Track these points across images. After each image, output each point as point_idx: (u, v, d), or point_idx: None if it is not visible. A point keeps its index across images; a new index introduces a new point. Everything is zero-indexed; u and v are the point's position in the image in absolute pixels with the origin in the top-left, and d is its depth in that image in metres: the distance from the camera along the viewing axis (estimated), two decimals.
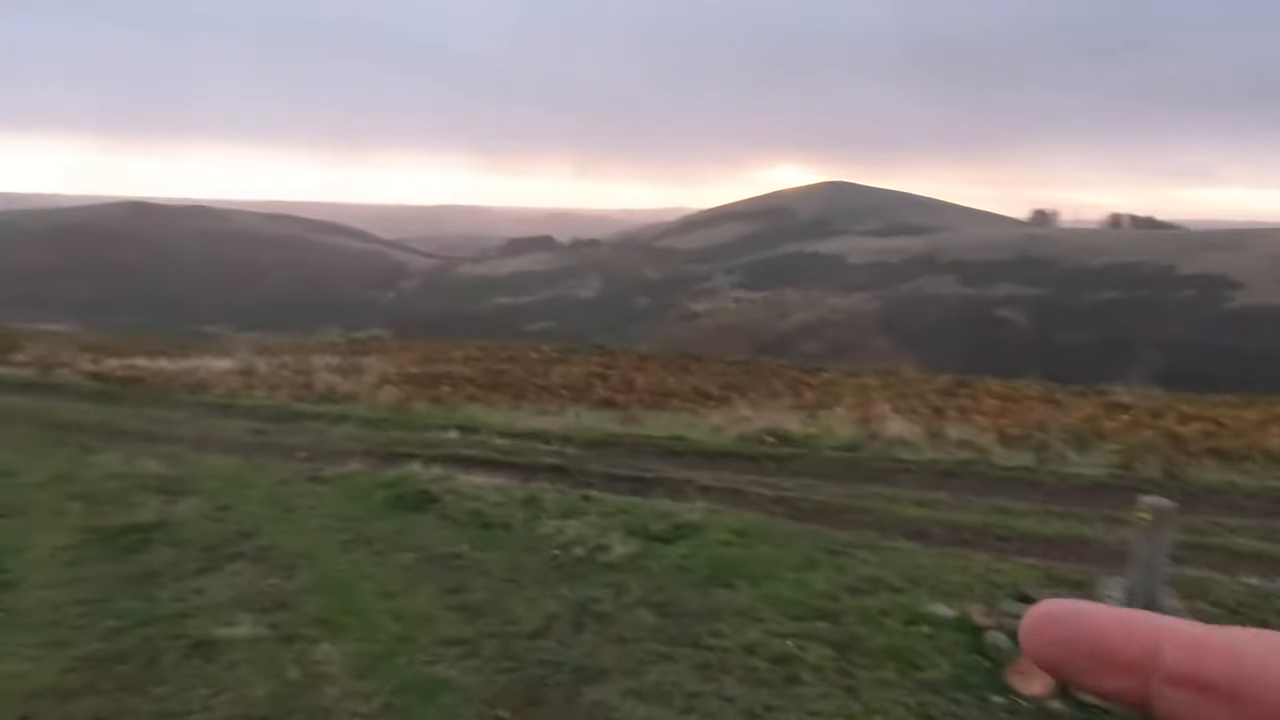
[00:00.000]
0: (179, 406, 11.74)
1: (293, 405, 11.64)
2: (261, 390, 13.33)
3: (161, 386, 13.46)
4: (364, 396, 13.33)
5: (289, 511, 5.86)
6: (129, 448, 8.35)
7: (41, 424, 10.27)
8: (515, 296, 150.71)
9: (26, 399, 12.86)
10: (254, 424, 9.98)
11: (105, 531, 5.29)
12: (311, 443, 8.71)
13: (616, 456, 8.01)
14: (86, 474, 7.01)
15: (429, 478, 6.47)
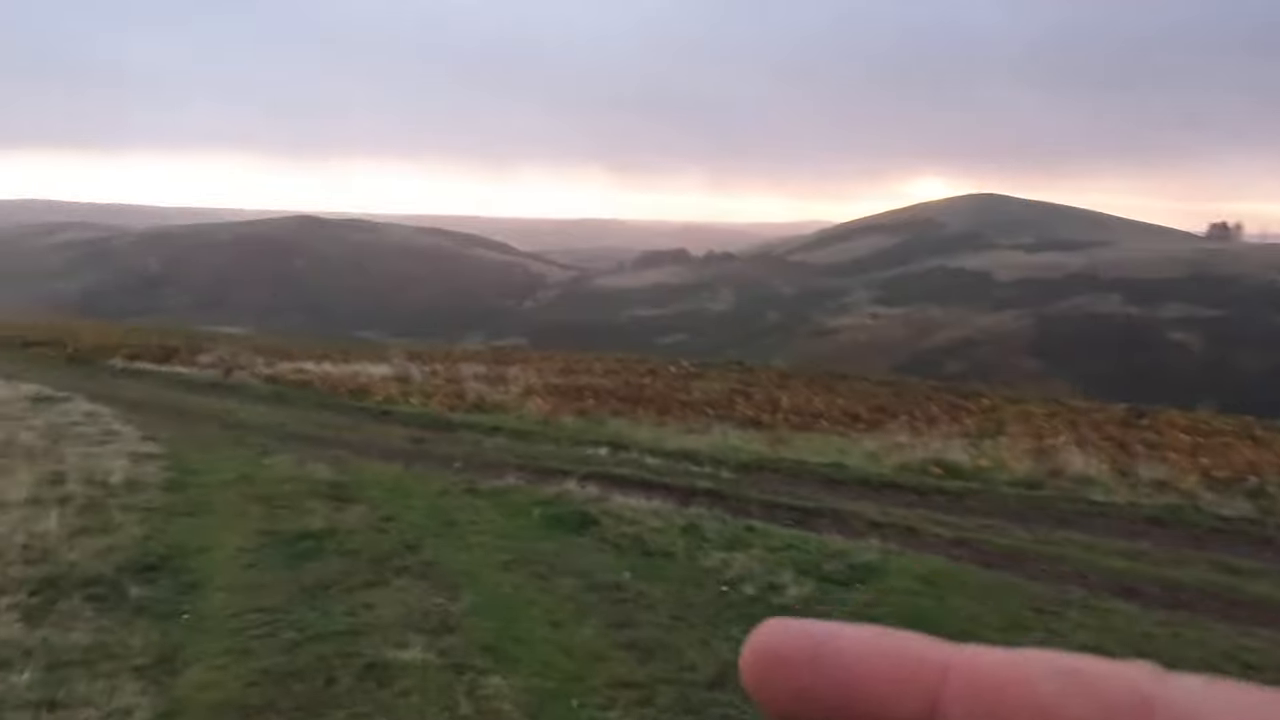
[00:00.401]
0: (343, 411, 12.29)
1: (446, 414, 11.94)
2: (417, 398, 13.80)
3: (327, 391, 14.18)
4: (512, 407, 13.55)
5: (450, 525, 5.86)
6: (300, 451, 8.73)
7: (224, 424, 10.99)
8: (649, 309, 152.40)
9: (211, 399, 13.87)
10: (412, 432, 10.26)
11: (281, 536, 5.43)
12: (466, 453, 8.82)
13: (773, 482, 7.64)
14: (264, 476, 7.33)
15: (585, 497, 6.34)
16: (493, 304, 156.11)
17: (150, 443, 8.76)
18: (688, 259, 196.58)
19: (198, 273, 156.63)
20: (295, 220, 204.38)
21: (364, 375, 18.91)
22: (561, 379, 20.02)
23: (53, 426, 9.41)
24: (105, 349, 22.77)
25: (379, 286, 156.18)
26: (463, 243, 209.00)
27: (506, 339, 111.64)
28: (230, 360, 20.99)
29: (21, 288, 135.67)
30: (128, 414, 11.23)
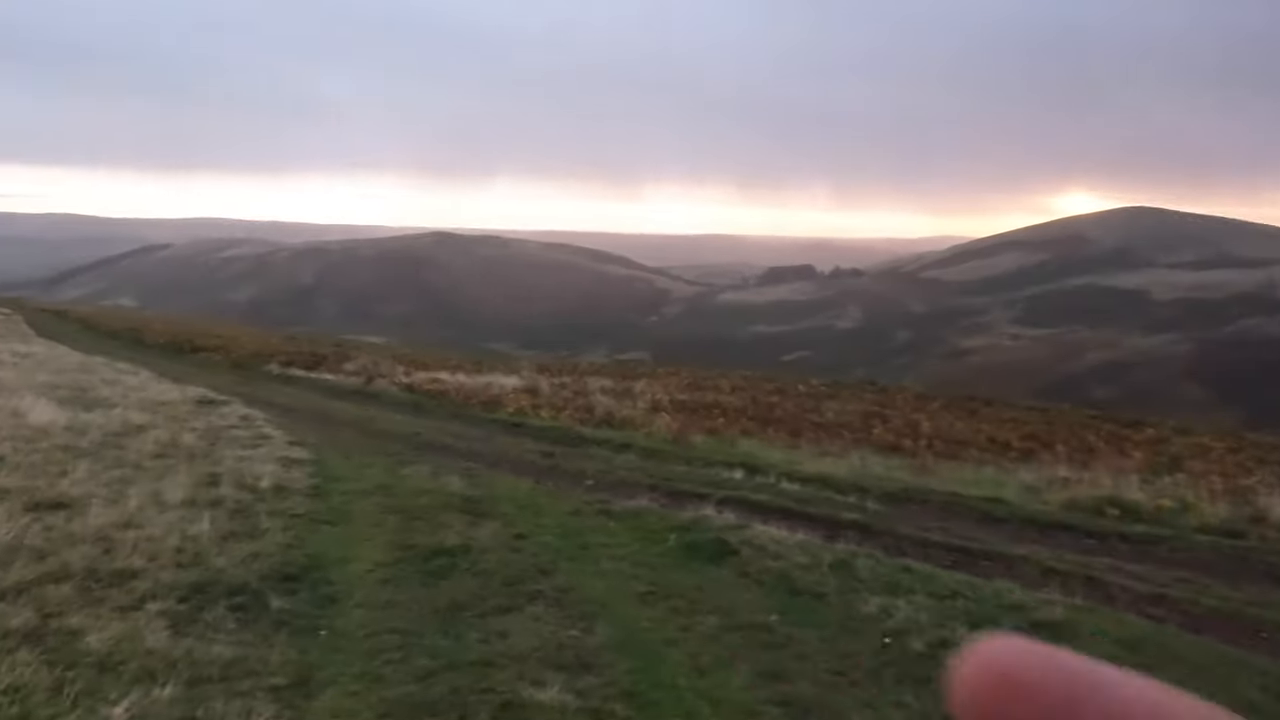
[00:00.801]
0: (477, 423, 12.44)
1: (576, 428, 11.86)
2: (546, 411, 13.83)
3: (461, 402, 14.44)
4: (640, 423, 13.34)
5: (583, 549, 5.63)
6: (435, 461, 8.80)
7: (365, 431, 11.32)
8: (773, 325, 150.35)
9: (353, 405, 14.42)
10: (543, 446, 10.19)
11: (417, 551, 5.35)
12: (597, 471, 8.63)
13: (925, 517, 7.02)
14: (401, 486, 7.37)
15: (723, 524, 5.97)
16: (617, 318, 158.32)
17: (298, 448, 9.06)
18: (813, 275, 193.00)
19: (345, 285, 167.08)
20: (431, 236, 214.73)
21: (495, 386, 19.26)
22: (688, 395, 19.73)
23: (211, 429, 9.91)
24: (263, 355, 24.31)
25: (509, 299, 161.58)
26: (590, 258, 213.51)
27: (630, 353, 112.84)
28: (372, 369, 21.92)
29: (197, 297, 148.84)
30: (279, 418, 11.75)
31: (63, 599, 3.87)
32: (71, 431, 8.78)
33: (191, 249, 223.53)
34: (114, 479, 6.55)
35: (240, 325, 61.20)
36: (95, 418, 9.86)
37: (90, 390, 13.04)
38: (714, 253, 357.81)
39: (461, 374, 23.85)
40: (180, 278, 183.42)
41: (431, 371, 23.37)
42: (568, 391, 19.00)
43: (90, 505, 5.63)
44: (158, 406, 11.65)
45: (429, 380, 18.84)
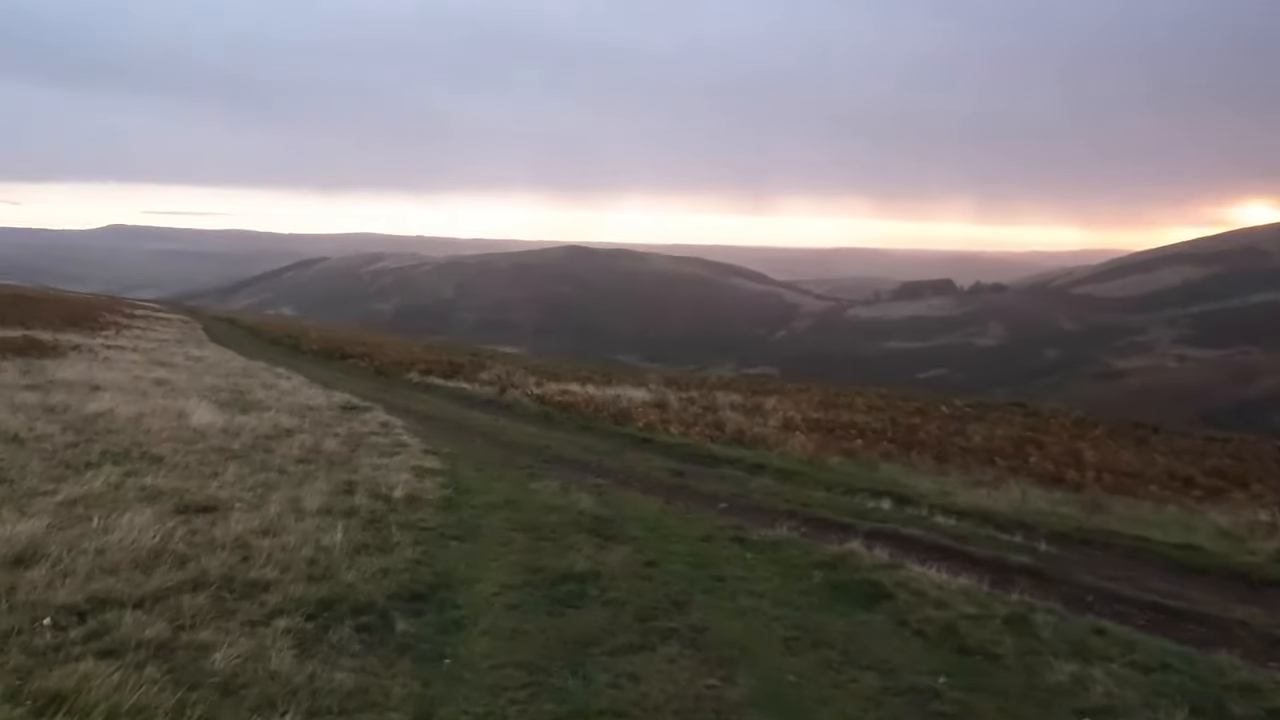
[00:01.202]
0: (606, 437, 12.25)
1: (707, 446, 11.46)
2: (676, 426, 13.51)
3: (590, 414, 14.34)
4: (773, 441, 12.79)
5: (719, 581, 5.22)
6: (564, 476, 8.63)
7: (496, 442, 11.35)
8: (907, 342, 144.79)
9: (486, 415, 14.60)
10: (672, 464, 9.85)
11: (545, 574, 5.10)
12: (730, 493, 8.20)
13: (1106, 564, 6.17)
14: (530, 502, 7.20)
15: (874, 563, 5.40)
16: (746, 332, 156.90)
17: (432, 457, 9.11)
18: (952, 290, 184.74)
19: (483, 297, 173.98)
20: (564, 250, 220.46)
21: (624, 399, 19.13)
22: (821, 413, 18.92)
23: (353, 435, 10.17)
24: (404, 363, 25.30)
25: (639, 312, 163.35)
26: (720, 272, 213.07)
27: (757, 368, 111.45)
28: (505, 379, 22.33)
29: (349, 308, 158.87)
30: (416, 426, 11.98)
31: (196, 610, 3.83)
32: (226, 434, 9.19)
33: (345, 263, 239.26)
34: (259, 483, 6.70)
35: (385, 334, 64.57)
36: (249, 420, 10.32)
37: (248, 393, 13.79)
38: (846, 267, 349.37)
39: (591, 386, 23.92)
40: (334, 289, 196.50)
41: (562, 383, 23.57)
42: (696, 407, 18.62)
43: (234, 510, 5.72)
44: (306, 411, 12.13)
45: (559, 391, 18.94)
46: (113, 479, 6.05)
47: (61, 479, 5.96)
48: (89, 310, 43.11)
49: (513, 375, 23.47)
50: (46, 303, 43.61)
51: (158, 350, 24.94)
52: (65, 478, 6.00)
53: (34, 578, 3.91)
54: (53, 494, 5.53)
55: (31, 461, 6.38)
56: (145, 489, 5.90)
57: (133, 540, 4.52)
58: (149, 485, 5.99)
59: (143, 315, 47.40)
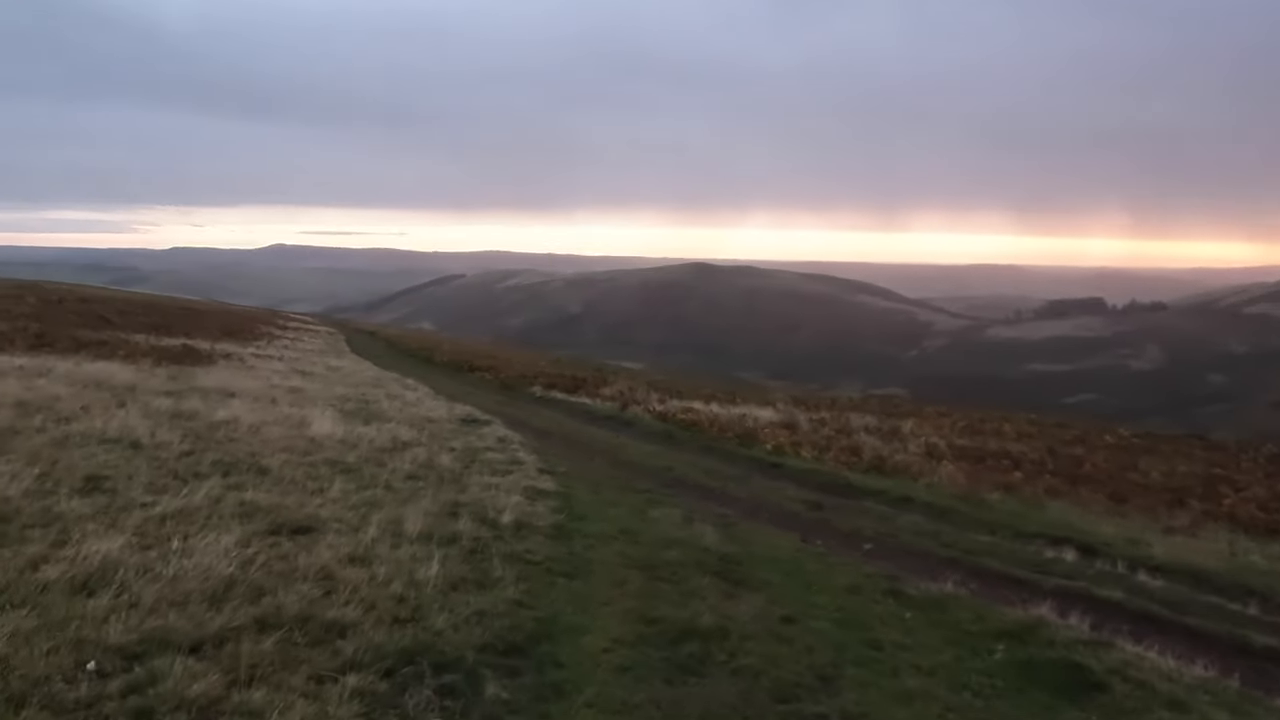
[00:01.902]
0: (731, 460, 11.40)
1: (843, 474, 10.40)
2: (807, 450, 12.47)
3: (715, 434, 13.51)
4: (917, 470, 11.55)
5: (874, 649, 4.28)
6: (687, 503, 7.86)
7: (615, 461, 10.72)
8: (1051, 364, 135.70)
9: (606, 432, 14.05)
10: (806, 493, 8.89)
11: (663, 628, 4.33)
12: (876, 531, 7.18)
13: None
14: (648, 533, 6.46)
15: (1073, 637, 4.32)
16: (874, 351, 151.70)
17: (546, 477, 8.55)
18: (1103, 309, 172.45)
19: (608, 313, 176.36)
20: (689, 267, 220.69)
21: (750, 419, 18.18)
22: (967, 440, 17.31)
23: (468, 450, 9.77)
24: (528, 377, 25.29)
25: (763, 329, 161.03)
26: (847, 289, 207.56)
27: (885, 388, 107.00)
28: (627, 395, 21.81)
29: (481, 323, 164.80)
30: (534, 442, 11.53)
31: (259, 659, 3.29)
32: (343, 445, 8.96)
33: (479, 279, 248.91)
34: (362, 501, 6.28)
35: (513, 348, 66.03)
36: (368, 432, 10.12)
37: (373, 404, 13.80)
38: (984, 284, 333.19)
39: (715, 404, 23.07)
40: (469, 304, 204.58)
41: (685, 400, 22.83)
42: (828, 429, 17.43)
43: (329, 532, 5.27)
44: (425, 424, 11.91)
45: (682, 409, 18.20)
46: (214, 492, 5.75)
47: (164, 490, 5.70)
48: (246, 322, 46.08)
49: (635, 391, 22.94)
50: (211, 315, 46.85)
51: (301, 360, 25.93)
52: (168, 489, 5.75)
53: (94, 608, 3.49)
54: (150, 507, 5.25)
55: (141, 471, 6.20)
56: (244, 505, 5.55)
57: (209, 567, 4.07)
58: (249, 501, 5.64)
59: (294, 327, 50.30)
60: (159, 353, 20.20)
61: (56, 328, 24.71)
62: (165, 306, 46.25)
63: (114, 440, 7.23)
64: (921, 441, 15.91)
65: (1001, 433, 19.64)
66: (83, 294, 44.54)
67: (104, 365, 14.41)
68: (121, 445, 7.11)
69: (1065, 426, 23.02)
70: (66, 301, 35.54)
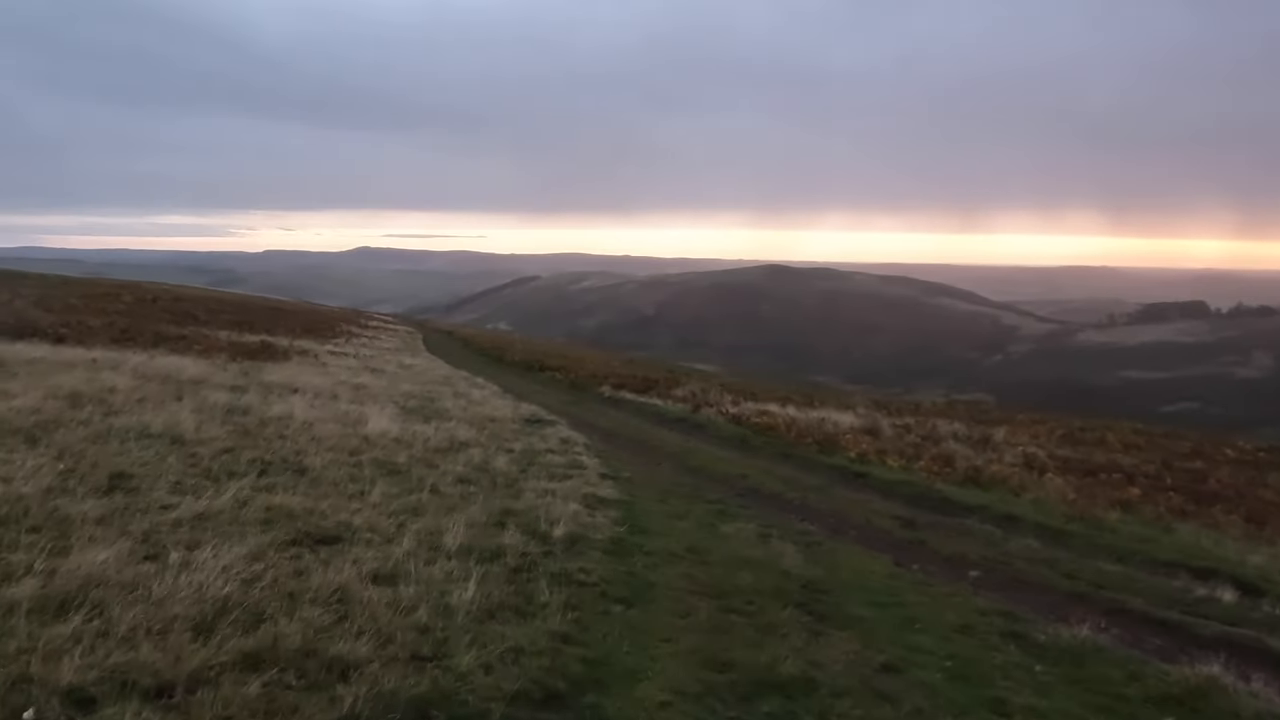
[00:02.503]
0: (810, 468, 10.51)
1: (936, 486, 9.40)
2: (894, 458, 11.46)
3: (792, 440, 12.61)
4: (1017, 484, 10.43)
5: (1000, 715, 3.42)
6: (762, 516, 7.06)
7: (685, 466, 9.97)
8: (1147, 370, 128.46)
9: (677, 435, 13.30)
10: (896, 508, 7.96)
11: (735, 677, 3.58)
12: (982, 556, 6.24)
13: None
14: (719, 552, 5.70)
15: (1261, 708, 3.37)
16: (955, 355, 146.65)
17: (609, 483, 7.88)
18: (1205, 313, 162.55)
19: (682, 314, 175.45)
20: (764, 269, 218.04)
21: (830, 424, 17.18)
22: (1069, 451, 15.93)
23: (527, 453, 9.18)
24: (598, 377, 24.75)
25: (840, 332, 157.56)
26: (928, 291, 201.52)
27: (967, 393, 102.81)
28: (699, 396, 21.00)
29: (556, 324, 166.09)
30: (599, 444, 10.89)
31: (236, 708, 2.68)
32: (396, 444, 8.48)
33: (554, 281, 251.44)
34: (404, 507, 5.71)
35: (586, 349, 65.90)
36: (426, 430, 9.63)
37: (437, 401, 13.40)
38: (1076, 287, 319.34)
39: (792, 407, 22.08)
40: (545, 306, 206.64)
41: (760, 402, 21.93)
42: (914, 436, 16.30)
43: (358, 543, 4.69)
44: (487, 423, 11.41)
45: (757, 412, 17.32)
46: (243, 494, 5.25)
47: (190, 491, 5.24)
48: (329, 321, 47.12)
49: (707, 393, 22.13)
50: (295, 314, 48.02)
51: (375, 357, 26.01)
52: (196, 490, 5.29)
53: (56, 636, 2.94)
54: (169, 510, 4.77)
55: (172, 469, 5.77)
56: (271, 510, 5.03)
57: (205, 585, 3.51)
58: (277, 505, 5.12)
59: (374, 326, 51.23)
60: (236, 348, 20.41)
61: (145, 324, 25.38)
62: (253, 305, 47.63)
63: (156, 435, 6.87)
64: (1019, 451, 14.65)
65: (1105, 443, 18.09)
66: (177, 293, 46.24)
67: (176, 359, 14.44)
68: (162, 440, 6.74)
69: (1177, 437, 21.16)
70: (161, 300, 36.82)
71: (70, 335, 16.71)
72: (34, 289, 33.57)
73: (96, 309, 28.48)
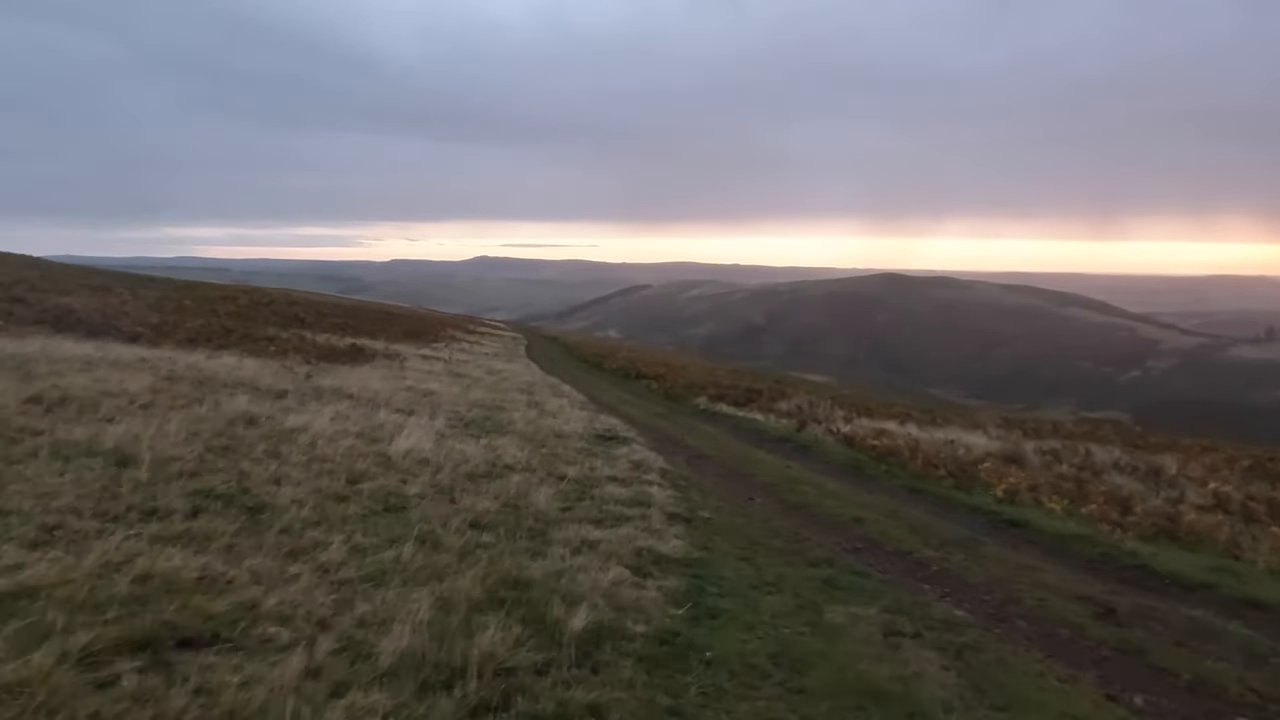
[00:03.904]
0: (945, 508, 8.24)
1: (1124, 543, 6.98)
2: (1052, 498, 9.00)
3: (919, 470, 10.30)
4: (1228, 539, 7.82)
5: None
6: (887, 591, 4.98)
7: (783, 502, 7.92)
8: None
9: (776, 458, 11.23)
10: (1078, 579, 5.67)
11: None
12: (1245, 686, 3.96)
13: None
14: (823, 665, 3.68)
15: None
16: (1086, 370, 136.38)
17: (677, 529, 5.97)
18: None
19: (792, 324, 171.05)
20: (880, 278, 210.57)
21: (960, 447, 14.66)
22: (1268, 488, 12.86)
23: (584, 481, 7.37)
24: (695, 386, 22.79)
25: (959, 344, 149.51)
26: (1055, 301, 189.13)
27: (1100, 411, 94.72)
28: (806, 411, 18.72)
29: (665, 332, 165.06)
30: (679, 469, 8.99)
31: None
32: (421, 467, 6.85)
33: (664, 290, 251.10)
34: (366, 572, 3.98)
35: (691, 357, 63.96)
36: (469, 449, 8.00)
37: (505, 411, 11.84)
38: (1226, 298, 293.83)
39: (912, 425, 19.51)
40: (654, 314, 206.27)
41: (876, 419, 19.46)
42: (1065, 465, 13.62)
43: (245, 646, 2.97)
44: (551, 439, 9.71)
45: (874, 432, 14.98)
46: (126, 548, 3.66)
47: (52, 544, 3.68)
48: (436, 326, 47.21)
49: (815, 407, 19.82)
50: (405, 319, 48.40)
51: (467, 362, 25.00)
52: (64, 541, 3.74)
53: None
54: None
55: (63, 504, 4.26)
56: (148, 580, 3.40)
57: None
58: (161, 573, 3.49)
59: (482, 331, 51.18)
60: (317, 349, 19.64)
61: (243, 325, 25.23)
62: (365, 311, 48.26)
63: (101, 452, 5.44)
64: (1209, 490, 11.78)
65: None
66: (293, 298, 47.34)
67: (234, 360, 13.47)
68: (104, 460, 5.29)
69: None
70: (275, 304, 37.43)
71: (146, 334, 16.20)
72: (156, 291, 34.58)
73: (206, 311, 28.76)
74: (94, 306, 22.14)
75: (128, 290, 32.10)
